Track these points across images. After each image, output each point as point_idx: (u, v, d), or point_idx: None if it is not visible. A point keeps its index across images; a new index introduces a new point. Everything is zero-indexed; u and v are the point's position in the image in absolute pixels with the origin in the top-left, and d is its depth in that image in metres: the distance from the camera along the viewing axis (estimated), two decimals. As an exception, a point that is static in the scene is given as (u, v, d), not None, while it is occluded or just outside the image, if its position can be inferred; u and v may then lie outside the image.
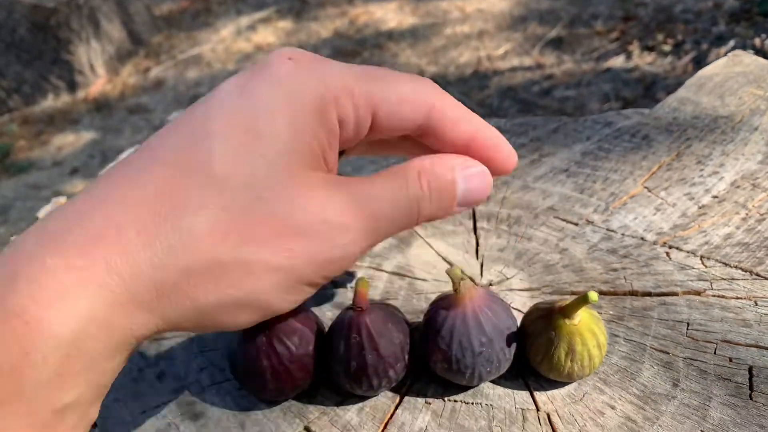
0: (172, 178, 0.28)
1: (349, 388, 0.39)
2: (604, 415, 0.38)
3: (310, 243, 0.29)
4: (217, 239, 0.27)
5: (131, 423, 0.41)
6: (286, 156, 0.29)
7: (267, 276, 0.29)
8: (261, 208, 0.28)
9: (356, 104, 0.31)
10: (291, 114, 0.30)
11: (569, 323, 0.37)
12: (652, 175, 0.54)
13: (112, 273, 0.26)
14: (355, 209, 0.30)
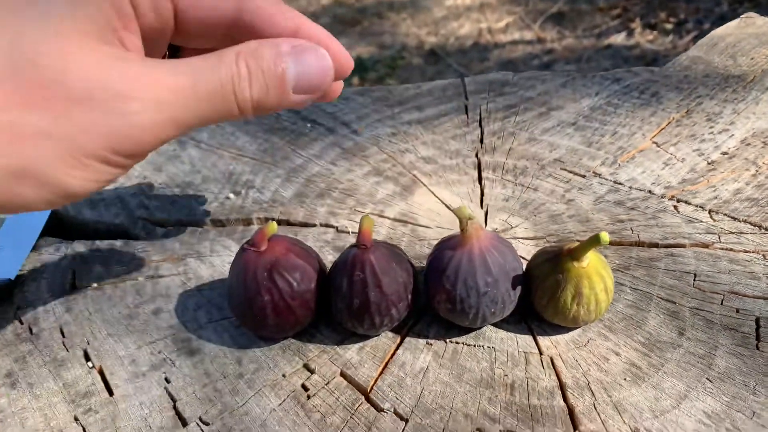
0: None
1: (351, 326, 0.38)
2: (609, 361, 0.37)
3: (88, 109, 0.26)
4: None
5: (126, 358, 0.40)
6: (63, 23, 0.27)
7: (41, 142, 0.26)
8: (31, 71, 0.26)
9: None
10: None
11: (578, 266, 0.36)
12: (661, 130, 0.54)
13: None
14: (145, 78, 0.27)
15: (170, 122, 0.28)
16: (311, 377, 0.38)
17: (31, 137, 0.25)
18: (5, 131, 0.25)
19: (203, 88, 0.29)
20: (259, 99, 0.30)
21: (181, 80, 0.28)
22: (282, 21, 0.33)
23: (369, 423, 0.35)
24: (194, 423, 0.36)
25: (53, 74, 0.26)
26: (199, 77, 0.29)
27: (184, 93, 0.28)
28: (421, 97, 0.63)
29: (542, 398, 0.36)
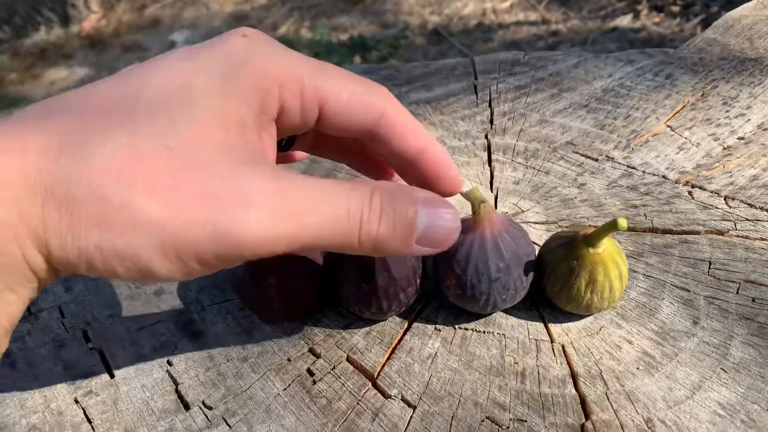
0: (90, 114, 0.27)
1: (358, 310, 0.37)
2: (621, 349, 0.36)
3: (205, 207, 0.26)
4: (111, 176, 0.25)
5: (127, 340, 0.40)
6: (209, 119, 0.27)
7: (149, 230, 0.26)
8: (166, 158, 0.26)
9: (303, 92, 0.30)
10: (227, 84, 0.28)
11: (593, 252, 0.35)
12: (676, 114, 0.52)
13: (6, 188, 0.25)
14: (273, 186, 0.27)
15: (284, 238, 0.27)
16: (317, 362, 0.37)
17: (142, 225, 0.25)
18: (124, 211, 0.25)
19: (328, 213, 0.28)
20: (381, 239, 0.29)
21: (308, 197, 0.27)
22: (412, 138, 0.33)
23: (376, 409, 0.34)
24: (197, 407, 0.35)
25: (185, 167, 0.26)
26: (327, 201, 0.28)
27: (307, 213, 0.27)
28: (430, 76, 0.61)
29: (553, 387, 0.35)
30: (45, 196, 0.25)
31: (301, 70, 0.30)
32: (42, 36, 2.75)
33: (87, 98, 0.28)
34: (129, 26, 2.81)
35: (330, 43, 2.42)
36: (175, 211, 0.25)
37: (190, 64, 0.29)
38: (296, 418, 0.34)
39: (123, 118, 0.26)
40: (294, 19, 2.67)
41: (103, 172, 0.25)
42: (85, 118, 0.26)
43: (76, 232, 0.25)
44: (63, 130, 0.26)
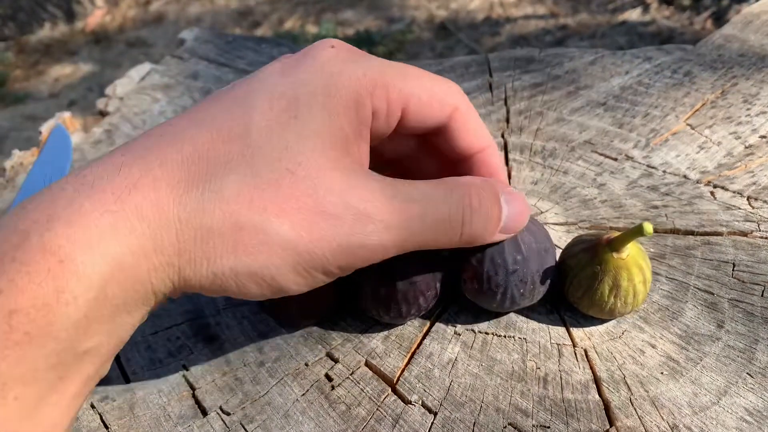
0: (210, 143, 0.28)
1: (376, 314, 0.37)
2: (645, 353, 0.36)
3: (330, 225, 0.28)
4: (242, 204, 0.27)
5: (142, 344, 0.39)
6: (319, 137, 0.29)
7: (282, 250, 0.28)
8: (289, 181, 0.28)
9: (389, 98, 0.32)
10: (328, 98, 0.30)
11: (617, 257, 0.34)
12: (696, 112, 0.51)
13: (142, 220, 0.26)
14: (383, 200, 0.30)
15: (394, 245, 0.30)
16: (335, 366, 0.37)
17: (274, 245, 0.28)
18: (258, 235, 0.28)
19: (432, 217, 0.31)
20: (475, 235, 0.32)
21: (414, 208, 0.30)
22: (475, 138, 0.35)
23: (396, 416, 0.34)
24: (215, 412, 0.35)
25: (307, 188, 0.28)
26: (430, 206, 0.31)
27: (415, 220, 0.30)
28: (444, 73, 0.60)
29: (576, 392, 0.34)
30: (180, 228, 0.27)
31: (386, 75, 0.32)
32: (46, 32, 2.75)
33: (199, 126, 0.29)
34: (134, 22, 2.80)
35: (336, 37, 2.40)
36: (304, 230, 0.28)
37: (290, 82, 0.30)
38: (315, 424, 0.34)
39: (241, 148, 0.28)
40: (299, 14, 2.65)
41: (235, 202, 0.27)
42: (205, 149, 0.28)
43: (212, 259, 0.28)
44: (188, 164, 0.28)
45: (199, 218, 0.27)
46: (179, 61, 0.69)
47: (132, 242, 0.26)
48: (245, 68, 0.66)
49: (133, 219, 0.26)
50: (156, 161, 0.28)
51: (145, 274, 0.27)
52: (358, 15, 2.61)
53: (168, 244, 0.27)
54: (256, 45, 0.70)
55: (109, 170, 0.27)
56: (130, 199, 0.26)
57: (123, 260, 0.26)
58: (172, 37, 2.66)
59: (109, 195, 0.26)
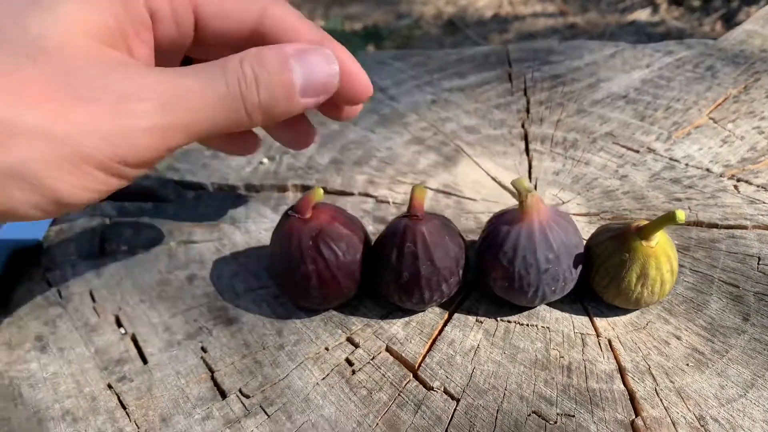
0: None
1: (398, 299, 0.36)
2: (669, 345, 0.35)
3: (90, 110, 0.25)
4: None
5: (159, 325, 0.39)
6: (68, 25, 0.26)
7: (36, 142, 0.24)
8: (32, 68, 0.24)
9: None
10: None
11: (646, 245, 0.34)
12: (718, 106, 0.51)
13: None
14: (152, 78, 0.26)
15: (178, 127, 0.27)
16: (355, 351, 0.36)
17: (26, 136, 0.24)
18: (4, 128, 0.23)
19: (210, 92, 0.27)
20: (267, 104, 0.29)
21: (188, 82, 0.27)
22: (306, 34, 0.32)
23: (418, 401, 0.33)
24: (234, 395, 0.34)
25: (56, 72, 0.25)
26: (206, 81, 0.27)
27: (191, 96, 0.27)
28: (462, 63, 0.60)
29: (601, 382, 0.34)
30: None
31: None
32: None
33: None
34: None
35: (343, 32, 2.40)
36: (59, 118, 0.24)
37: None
38: (336, 409, 0.33)
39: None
40: (307, 7, 2.65)
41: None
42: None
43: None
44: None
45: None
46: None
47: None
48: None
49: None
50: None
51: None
52: (366, 9, 2.61)
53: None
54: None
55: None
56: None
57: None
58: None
59: None
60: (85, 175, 0.25)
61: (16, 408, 0.35)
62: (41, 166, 0.24)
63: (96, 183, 0.26)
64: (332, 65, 0.30)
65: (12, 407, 0.35)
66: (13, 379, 0.36)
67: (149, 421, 0.34)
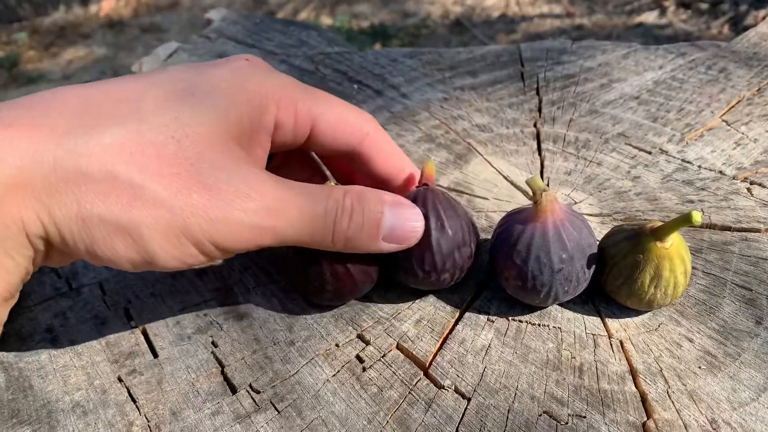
0: (100, 101, 0.28)
1: (411, 272, 0.35)
2: (682, 347, 0.35)
3: (208, 195, 0.28)
4: (121, 156, 0.27)
5: (170, 319, 0.39)
6: (214, 119, 0.30)
7: (153, 208, 0.27)
8: (173, 148, 0.28)
9: (297, 112, 0.33)
10: (231, 91, 0.31)
11: (660, 246, 0.33)
12: (731, 108, 0.51)
13: (14, 153, 0.26)
14: (268, 185, 0.30)
15: (271, 231, 0.30)
16: (366, 348, 0.36)
17: (148, 202, 0.27)
18: (131, 189, 0.27)
19: (309, 210, 0.31)
20: (352, 235, 0.32)
21: (294, 197, 0.30)
22: (392, 160, 0.37)
23: (429, 399, 0.33)
24: (244, 390, 0.34)
25: (189, 157, 0.28)
26: (310, 200, 0.31)
27: (293, 209, 0.30)
28: (475, 62, 0.60)
29: (612, 383, 0.34)
30: (53, 167, 0.26)
31: (296, 91, 0.33)
32: (61, 15, 2.74)
33: (93, 87, 0.29)
34: (147, 7, 2.80)
35: (350, 30, 2.40)
36: (181, 194, 0.27)
37: (197, 73, 0.31)
38: (346, 406, 0.33)
39: (132, 108, 0.28)
40: (314, 4, 2.65)
41: (114, 152, 0.27)
42: (95, 104, 0.28)
43: (82, 203, 0.27)
44: (72, 112, 0.28)
45: (74, 160, 0.27)
46: (206, 41, 0.69)
47: (2, 172, 0.26)
48: (273, 50, 0.66)
49: (5, 150, 0.26)
50: (39, 108, 0.28)
51: (14, 207, 0.26)
52: (373, 8, 2.61)
53: (39, 180, 0.26)
54: (284, 27, 0.70)
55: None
56: (4, 134, 0.26)
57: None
58: (186, 23, 2.65)
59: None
60: (181, 247, 0.29)
61: (26, 399, 0.35)
62: (150, 231, 0.28)
63: (186, 256, 0.29)
64: (418, 222, 0.34)
65: (22, 398, 0.35)
66: (23, 370, 0.36)
67: (159, 414, 0.34)
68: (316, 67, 0.62)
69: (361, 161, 0.37)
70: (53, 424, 0.33)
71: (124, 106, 0.28)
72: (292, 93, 0.33)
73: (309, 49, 0.65)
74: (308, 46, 0.66)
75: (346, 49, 0.65)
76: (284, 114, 0.33)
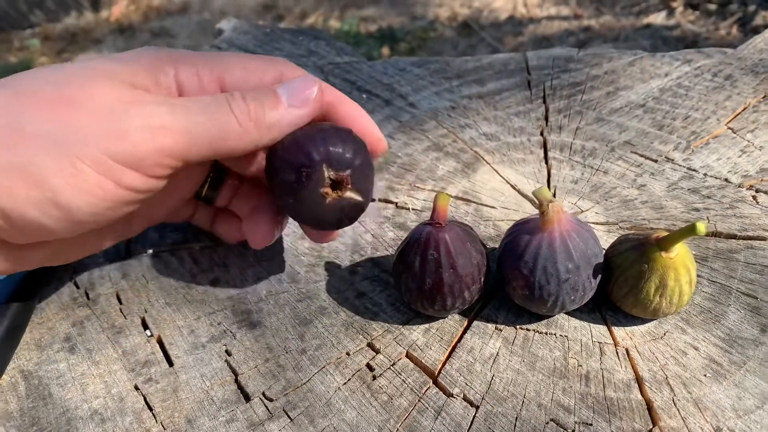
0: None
1: (420, 306, 0.37)
2: (687, 355, 0.36)
3: (94, 117, 0.28)
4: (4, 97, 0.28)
5: (185, 328, 0.40)
6: (101, 76, 0.30)
7: (40, 141, 0.27)
8: (51, 90, 0.28)
9: (199, 73, 0.33)
10: (127, 59, 0.32)
11: (665, 256, 0.34)
12: (737, 116, 0.51)
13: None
14: (146, 98, 0.30)
15: (170, 132, 0.29)
16: (376, 357, 0.37)
17: (32, 137, 0.27)
18: (14, 131, 0.27)
19: (195, 105, 0.31)
20: (255, 110, 0.32)
21: (184, 102, 0.30)
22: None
23: (438, 408, 0.34)
24: (257, 398, 0.35)
25: (68, 94, 0.28)
26: (199, 101, 0.31)
27: (181, 108, 0.30)
28: (482, 70, 0.60)
29: (618, 391, 0.34)
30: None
31: (195, 56, 0.34)
32: (72, 20, 2.77)
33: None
34: (158, 12, 2.82)
35: (358, 33, 2.41)
36: (63, 122, 0.27)
37: (98, 55, 0.33)
38: (357, 413, 0.34)
39: (18, 80, 0.29)
40: (323, 9, 2.66)
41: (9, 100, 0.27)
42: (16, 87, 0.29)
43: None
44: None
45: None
46: (217, 51, 0.70)
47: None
48: (282, 60, 0.67)
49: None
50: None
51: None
52: (381, 11, 2.61)
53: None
54: (294, 37, 0.71)
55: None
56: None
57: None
58: (195, 28, 2.67)
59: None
60: (83, 174, 0.28)
61: (46, 407, 0.36)
62: (44, 163, 0.27)
63: (92, 186, 0.28)
64: (311, 82, 0.34)
65: (41, 406, 0.36)
66: (43, 379, 0.37)
67: (175, 422, 0.34)
68: (326, 77, 0.62)
69: None
70: (72, 431, 0.34)
71: (13, 78, 0.29)
72: (191, 57, 0.33)
73: (318, 58, 0.66)
74: (317, 56, 0.67)
75: (355, 59, 0.65)
76: (185, 75, 0.33)
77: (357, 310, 0.40)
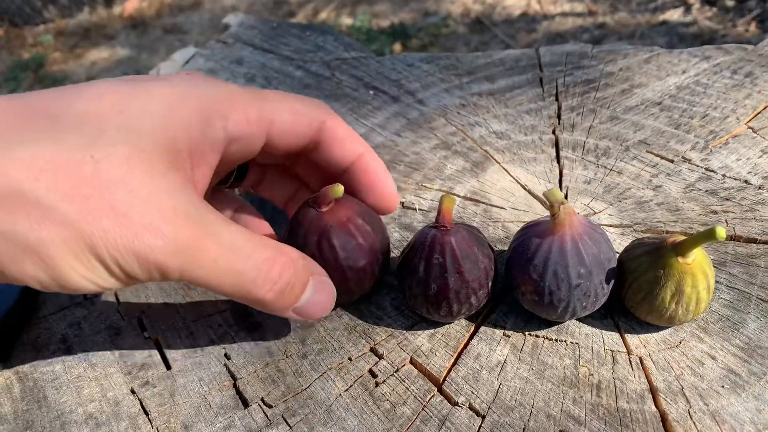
0: (16, 115, 0.27)
1: (425, 312, 0.35)
2: (704, 365, 0.34)
3: (117, 223, 0.26)
4: (31, 172, 0.26)
5: (183, 330, 0.39)
6: (141, 138, 0.28)
7: (59, 227, 0.26)
8: (90, 168, 0.26)
9: (249, 119, 0.32)
10: (166, 107, 0.29)
11: (682, 261, 0.32)
12: (757, 114, 0.49)
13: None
14: (185, 224, 0.28)
15: (177, 272, 0.28)
16: (379, 363, 0.36)
17: (56, 222, 0.26)
18: (38, 209, 0.25)
19: (225, 265, 0.29)
20: (266, 300, 0.31)
21: (213, 247, 0.29)
22: (350, 144, 0.36)
23: (443, 417, 0.33)
24: (256, 404, 0.34)
25: (106, 179, 0.27)
26: (230, 253, 0.29)
27: (206, 258, 0.28)
28: (492, 66, 0.59)
29: (631, 402, 0.33)
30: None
31: (242, 98, 0.32)
32: (85, 16, 2.78)
33: (17, 101, 0.28)
34: (170, 8, 2.82)
35: (370, 29, 2.39)
36: (90, 217, 0.26)
37: (131, 86, 0.29)
38: (359, 422, 0.33)
39: (50, 125, 0.27)
40: (334, 4, 2.64)
41: (23, 169, 0.25)
42: (15, 117, 0.27)
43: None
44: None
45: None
46: (224, 46, 0.69)
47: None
48: (290, 55, 0.65)
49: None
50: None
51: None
52: (393, 7, 2.60)
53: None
54: (301, 32, 0.70)
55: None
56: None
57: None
58: (207, 24, 2.67)
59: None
60: (93, 269, 0.27)
61: (40, 410, 0.35)
62: (58, 251, 0.26)
63: (98, 278, 0.28)
64: (331, 299, 0.34)
65: (36, 409, 0.35)
66: (38, 381, 0.36)
67: (171, 428, 0.33)
68: (333, 73, 0.61)
69: (319, 150, 0.36)
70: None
71: (44, 122, 0.27)
72: (239, 101, 0.32)
73: (325, 54, 0.65)
74: (325, 51, 0.65)
75: (363, 54, 0.64)
76: (235, 125, 0.32)
77: (360, 313, 0.38)
